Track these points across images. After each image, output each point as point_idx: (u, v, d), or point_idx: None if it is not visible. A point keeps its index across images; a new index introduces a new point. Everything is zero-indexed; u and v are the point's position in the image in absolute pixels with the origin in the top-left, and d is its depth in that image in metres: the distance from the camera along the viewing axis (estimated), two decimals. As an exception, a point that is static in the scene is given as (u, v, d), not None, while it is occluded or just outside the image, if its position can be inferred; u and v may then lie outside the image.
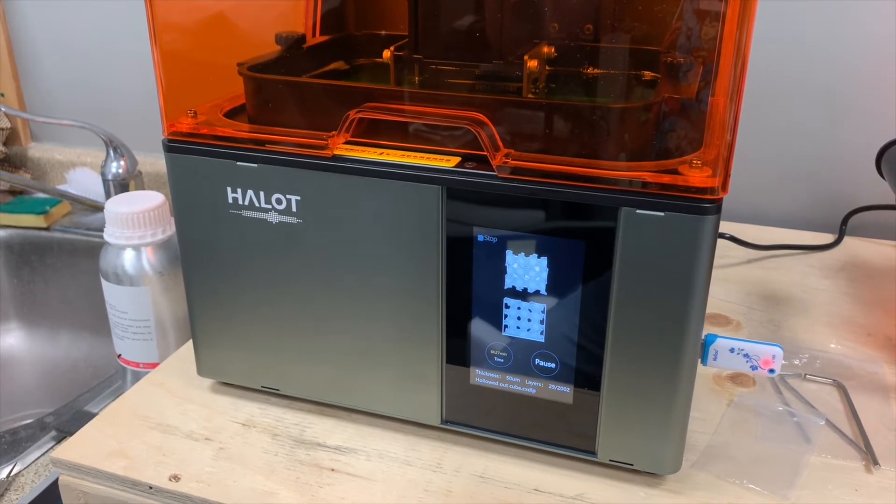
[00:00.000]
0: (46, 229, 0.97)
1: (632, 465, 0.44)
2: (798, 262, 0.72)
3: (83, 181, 1.01)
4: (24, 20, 1.02)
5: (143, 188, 0.91)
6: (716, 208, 0.37)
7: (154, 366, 0.60)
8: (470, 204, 0.41)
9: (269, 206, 0.45)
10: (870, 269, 0.71)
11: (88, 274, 0.96)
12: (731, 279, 0.69)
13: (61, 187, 1.00)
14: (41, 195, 1.01)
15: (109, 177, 0.88)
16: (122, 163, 0.88)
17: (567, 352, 0.43)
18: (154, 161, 0.99)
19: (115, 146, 0.88)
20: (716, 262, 0.50)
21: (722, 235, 0.72)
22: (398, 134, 0.44)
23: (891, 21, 0.72)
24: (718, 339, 0.42)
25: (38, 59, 1.04)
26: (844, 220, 0.77)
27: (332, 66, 0.53)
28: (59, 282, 0.98)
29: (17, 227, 0.98)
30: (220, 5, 0.50)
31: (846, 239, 0.76)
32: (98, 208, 0.98)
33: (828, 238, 0.76)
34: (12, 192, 1.04)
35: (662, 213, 0.38)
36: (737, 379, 0.54)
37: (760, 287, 0.67)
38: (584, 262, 0.40)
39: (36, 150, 1.07)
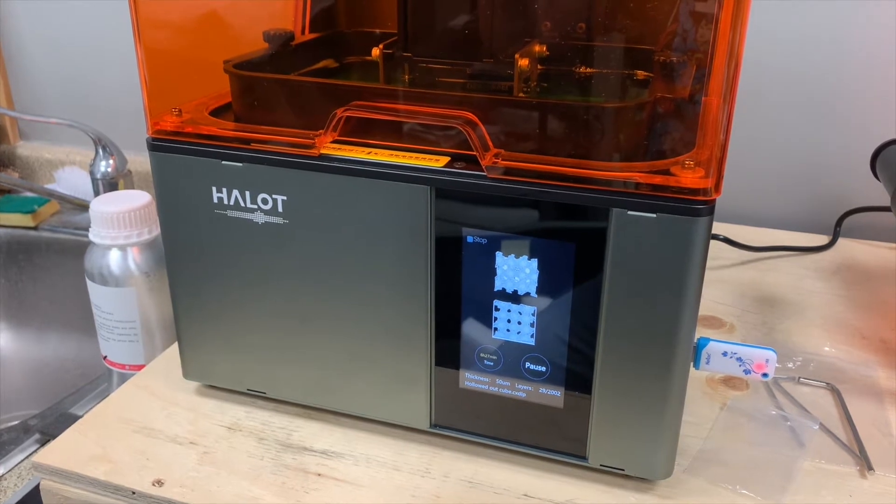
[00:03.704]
0: (34, 228, 0.96)
1: (623, 470, 0.43)
2: (792, 263, 0.72)
3: (72, 180, 1.00)
4: (12, 17, 1.01)
5: (132, 187, 0.90)
6: (708, 210, 0.37)
7: (140, 368, 0.59)
8: (459, 204, 0.40)
9: (255, 207, 0.44)
10: (864, 271, 0.70)
11: (77, 274, 0.95)
12: (724, 281, 0.68)
13: (50, 186, 0.99)
14: (29, 194, 1.00)
15: (98, 176, 0.87)
16: (111, 162, 0.87)
17: (558, 355, 0.42)
18: (144, 160, 0.98)
19: (104, 145, 0.87)
20: (709, 263, 0.49)
21: (715, 237, 0.72)
22: (387, 133, 0.43)
23: (885, 22, 0.72)
24: (711, 343, 0.42)
25: (27, 56, 1.03)
26: (839, 222, 0.76)
27: (321, 64, 0.52)
28: (48, 281, 0.97)
29: (4, 226, 0.97)
30: (207, 3, 0.49)
31: (840, 240, 0.76)
32: (87, 207, 0.97)
33: (822, 240, 0.76)
34: (0, 190, 1.03)
35: (654, 215, 0.37)
36: (730, 382, 0.53)
37: (754, 289, 0.67)
38: (574, 263, 0.40)
39: (24, 149, 1.06)
